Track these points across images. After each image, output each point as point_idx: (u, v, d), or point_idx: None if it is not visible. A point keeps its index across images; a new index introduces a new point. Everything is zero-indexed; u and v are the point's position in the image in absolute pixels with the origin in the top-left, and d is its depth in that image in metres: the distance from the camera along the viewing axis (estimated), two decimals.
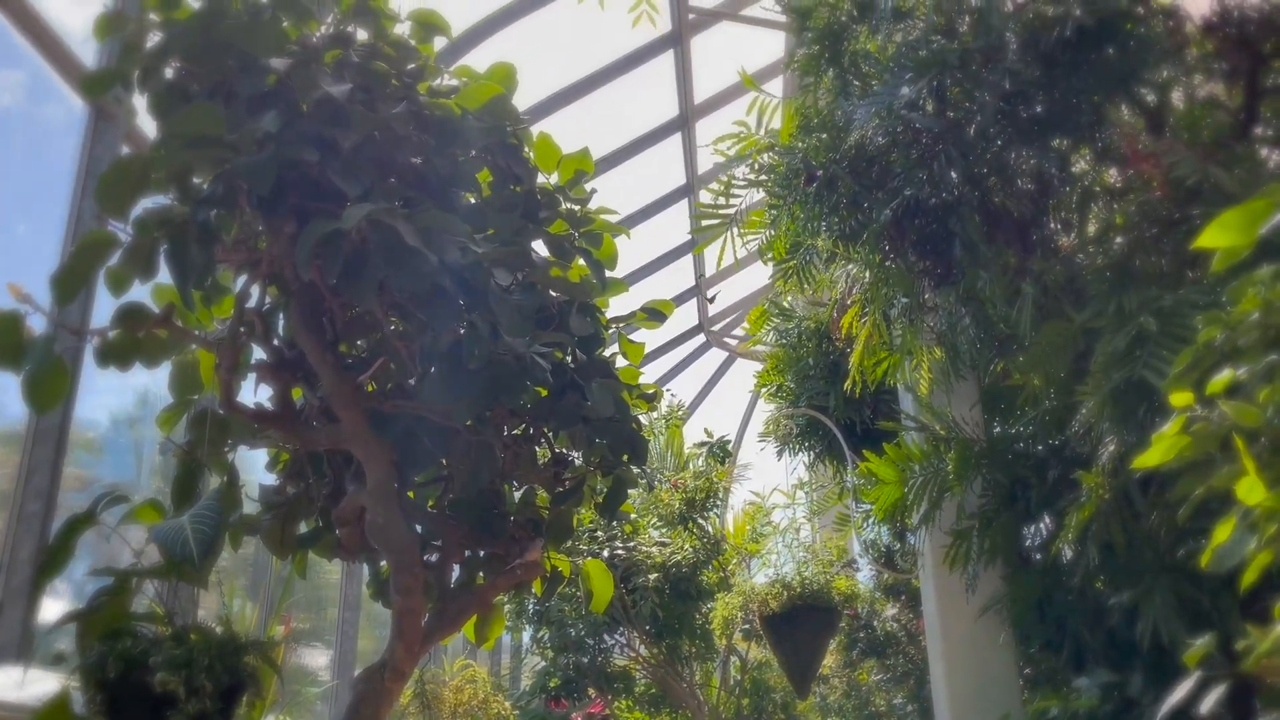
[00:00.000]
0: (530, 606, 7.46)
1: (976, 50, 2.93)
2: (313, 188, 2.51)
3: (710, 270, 10.15)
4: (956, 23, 3.26)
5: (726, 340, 11.38)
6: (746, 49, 7.09)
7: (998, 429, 3.95)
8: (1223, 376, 1.41)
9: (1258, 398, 1.41)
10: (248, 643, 2.21)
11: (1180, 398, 1.47)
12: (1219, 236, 1.37)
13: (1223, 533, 1.36)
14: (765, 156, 3.62)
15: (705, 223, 4.26)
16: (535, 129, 3.40)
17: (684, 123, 7.61)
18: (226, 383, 2.48)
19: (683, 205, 8.56)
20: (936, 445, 3.64)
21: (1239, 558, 1.37)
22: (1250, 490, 1.28)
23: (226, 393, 2.50)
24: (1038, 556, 3.73)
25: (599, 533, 7.28)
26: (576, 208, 3.29)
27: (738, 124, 3.76)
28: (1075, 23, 2.87)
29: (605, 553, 7.11)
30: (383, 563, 3.14)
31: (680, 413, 8.56)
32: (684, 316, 10.93)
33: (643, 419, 8.63)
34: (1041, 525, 3.75)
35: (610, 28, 6.72)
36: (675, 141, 7.85)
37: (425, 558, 3.12)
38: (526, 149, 3.23)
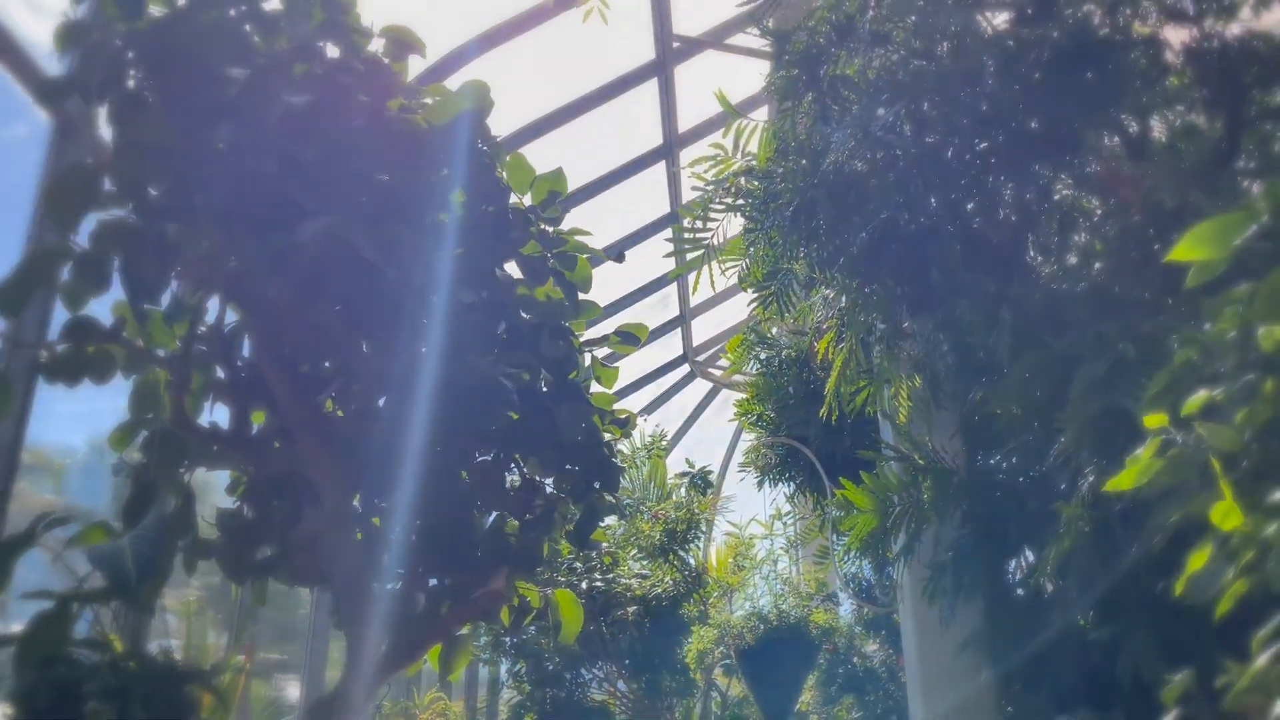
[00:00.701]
0: (507, 639, 7.32)
1: (955, 73, 2.90)
2: (274, 202, 2.45)
3: (694, 299, 10.11)
4: (937, 48, 3.23)
5: (711, 371, 11.32)
6: (731, 78, 7.09)
7: (980, 460, 3.87)
8: (1198, 396, 1.35)
9: (1235, 420, 1.34)
10: (191, 672, 2.11)
11: (1154, 419, 1.40)
12: (1193, 250, 1.31)
13: (1198, 560, 1.29)
14: (742, 180, 3.57)
15: (685, 247, 4.21)
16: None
17: (668, 151, 7.58)
18: (177, 400, 2.40)
19: (667, 234, 8.52)
20: (915, 475, 3.56)
21: (1215, 587, 1.30)
22: (1226, 515, 1.21)
23: (177, 411, 2.42)
24: (1020, 591, 3.65)
25: (578, 564, 7.17)
26: (549, 228, 3.23)
27: (715, 147, 3.72)
28: (1053, 46, 2.84)
29: (584, 584, 7.00)
30: None
31: (662, 443, 8.47)
32: (669, 346, 10.87)
33: (625, 448, 8.56)
34: (1023, 559, 3.67)
35: (595, 55, 6.72)
36: (659, 170, 7.83)
37: (388, 586, 3.03)
38: (500, 169, 3.17)
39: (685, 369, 11.31)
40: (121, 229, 2.35)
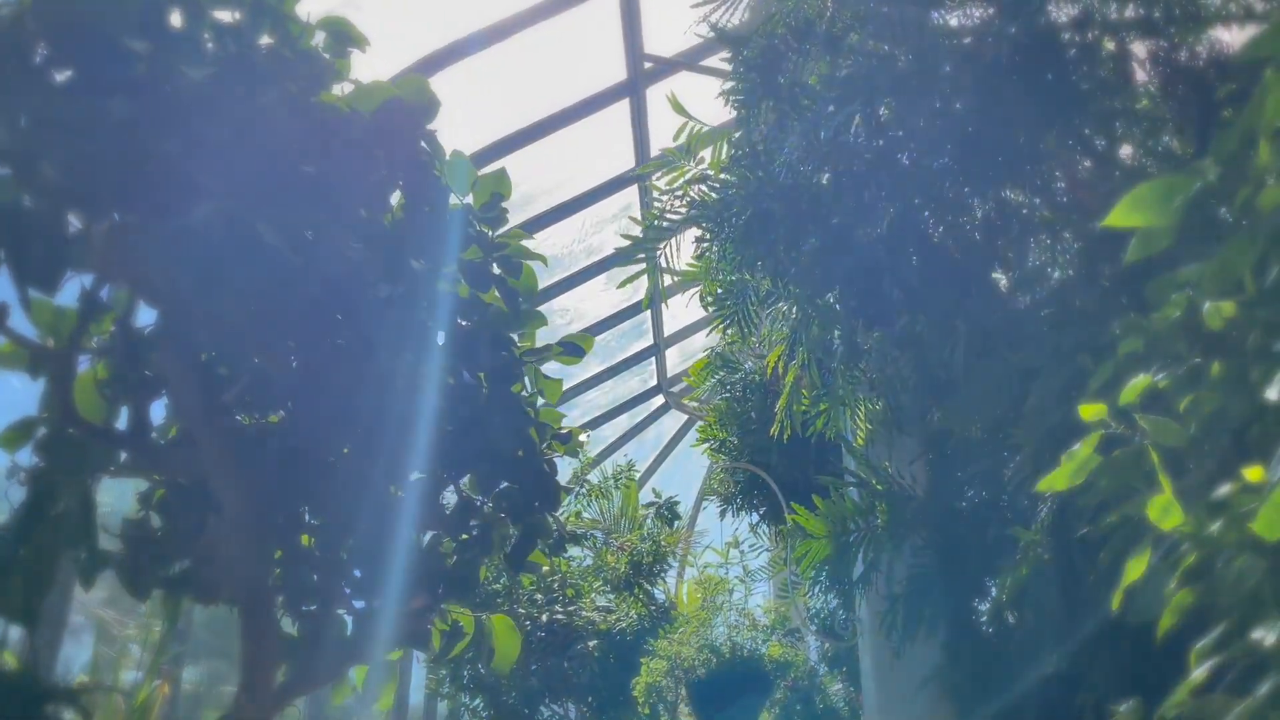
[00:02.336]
0: (465, 672, 7.07)
1: (911, 74, 2.78)
2: (182, 188, 2.29)
3: (669, 329, 9.97)
4: (899, 51, 3.12)
5: (686, 402, 11.14)
6: (704, 101, 6.99)
7: (942, 484, 3.71)
8: (1137, 382, 1.19)
9: (1178, 409, 1.19)
10: (54, 691, 1.92)
11: (1091, 410, 1.24)
12: (1132, 215, 1.16)
13: (1136, 569, 1.13)
14: (696, 189, 3.43)
15: (652, 256, 4.05)
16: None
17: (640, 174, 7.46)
18: (62, 397, 2.22)
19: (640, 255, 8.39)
20: (872, 501, 3.39)
21: (1158, 600, 1.14)
22: (1165, 511, 1.05)
23: (64, 409, 2.24)
24: (988, 627, 3.48)
25: (539, 595, 6.95)
26: (490, 231, 3.07)
27: (668, 151, 3.58)
28: (1014, 50, 2.72)
29: (544, 616, 6.77)
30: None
31: (629, 472, 8.27)
32: (644, 377, 10.71)
33: (595, 479, 8.34)
34: (986, 588, 3.50)
35: (565, 74, 6.62)
36: (632, 193, 7.72)
37: (305, 607, 2.84)
38: (439, 169, 3.03)
39: (660, 400, 11.14)
40: (7, 210, 2.18)
